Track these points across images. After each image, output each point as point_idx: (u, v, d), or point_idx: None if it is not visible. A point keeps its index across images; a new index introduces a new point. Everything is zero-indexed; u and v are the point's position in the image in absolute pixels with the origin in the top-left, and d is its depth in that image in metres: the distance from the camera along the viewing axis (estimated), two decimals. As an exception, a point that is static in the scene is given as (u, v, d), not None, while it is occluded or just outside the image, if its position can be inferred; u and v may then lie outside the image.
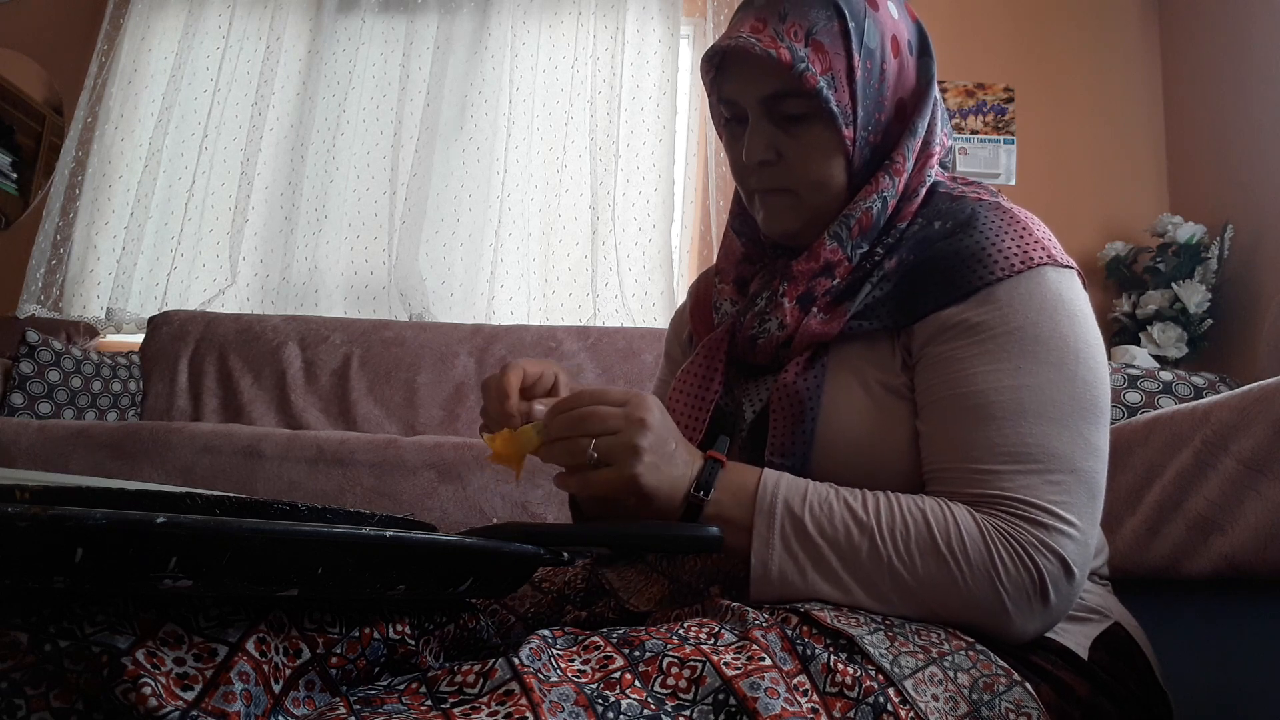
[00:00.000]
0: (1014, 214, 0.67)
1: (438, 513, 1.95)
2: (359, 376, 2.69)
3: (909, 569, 0.57)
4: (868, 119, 0.69)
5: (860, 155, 0.69)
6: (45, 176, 3.29)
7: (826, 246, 0.69)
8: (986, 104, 2.98)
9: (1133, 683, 0.61)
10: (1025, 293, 0.62)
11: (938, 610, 0.57)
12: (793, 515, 0.59)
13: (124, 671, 0.38)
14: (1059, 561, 0.56)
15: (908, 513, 0.58)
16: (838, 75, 0.67)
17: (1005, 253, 0.63)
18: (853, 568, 0.57)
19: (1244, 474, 0.85)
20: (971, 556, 0.56)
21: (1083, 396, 0.60)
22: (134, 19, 3.29)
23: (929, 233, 0.67)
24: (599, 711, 0.43)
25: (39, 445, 2.08)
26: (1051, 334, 0.61)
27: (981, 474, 0.59)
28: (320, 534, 0.40)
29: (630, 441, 0.57)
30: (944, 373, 0.63)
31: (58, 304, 3.07)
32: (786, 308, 0.69)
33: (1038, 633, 0.58)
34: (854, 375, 0.66)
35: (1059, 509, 0.57)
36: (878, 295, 0.67)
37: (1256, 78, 2.48)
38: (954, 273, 0.64)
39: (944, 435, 0.62)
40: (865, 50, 0.68)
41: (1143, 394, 1.99)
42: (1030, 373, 0.60)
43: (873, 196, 0.69)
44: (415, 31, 3.20)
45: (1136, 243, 2.71)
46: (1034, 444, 0.59)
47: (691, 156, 3.12)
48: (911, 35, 0.72)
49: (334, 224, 3.09)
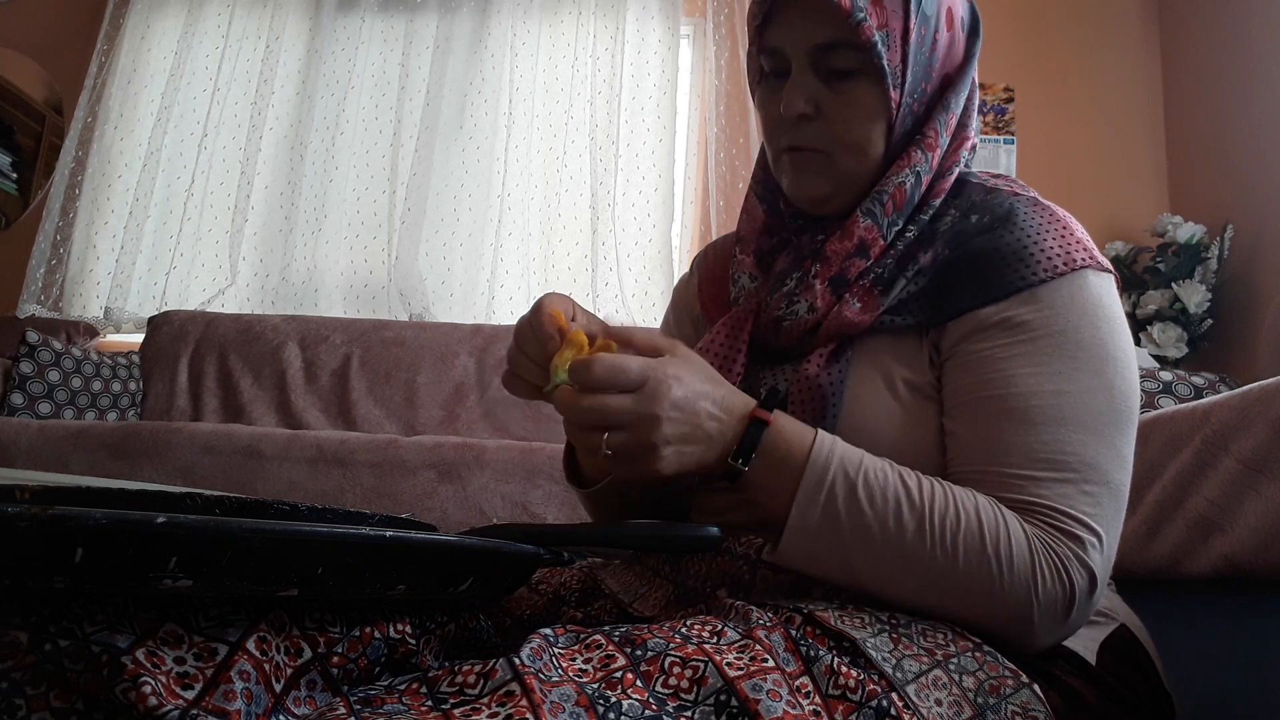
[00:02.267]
0: (1054, 211, 0.65)
1: (438, 513, 1.95)
2: (359, 376, 2.69)
3: (949, 561, 0.55)
4: (915, 85, 0.66)
5: (902, 123, 0.67)
6: (45, 176, 3.29)
7: (860, 224, 0.66)
8: (986, 104, 2.98)
9: (1139, 686, 0.61)
10: (1068, 296, 0.61)
11: (961, 608, 0.56)
12: (846, 478, 0.56)
13: (124, 671, 0.38)
14: (1088, 577, 0.55)
15: (961, 506, 0.56)
16: (893, 33, 0.64)
17: (1048, 253, 0.62)
18: (893, 546, 0.55)
19: (1244, 474, 0.85)
20: (1016, 564, 0.54)
21: (1119, 407, 0.59)
22: (134, 19, 3.29)
23: (965, 226, 0.65)
24: (600, 712, 0.43)
25: (39, 445, 2.08)
26: (1093, 340, 0.60)
27: (1018, 479, 0.57)
28: (320, 534, 0.40)
29: (644, 439, 0.54)
30: (980, 372, 0.61)
31: (58, 304, 3.07)
32: (818, 290, 0.66)
33: (1051, 644, 0.57)
34: (879, 371, 0.64)
35: (1092, 521, 0.56)
36: (912, 290, 0.65)
37: (1256, 78, 2.48)
38: (994, 270, 0.62)
39: (978, 436, 0.60)
40: (922, 15, 0.65)
41: (1143, 394, 1.99)
42: (1070, 379, 0.59)
43: (905, 171, 0.66)
44: (415, 31, 3.20)
45: (1136, 243, 2.71)
46: (1072, 453, 0.57)
47: (691, 156, 3.12)
48: (965, 13, 0.70)
49: (334, 224, 3.09)
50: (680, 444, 0.55)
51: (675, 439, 0.55)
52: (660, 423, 0.54)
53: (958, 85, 0.69)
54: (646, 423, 0.54)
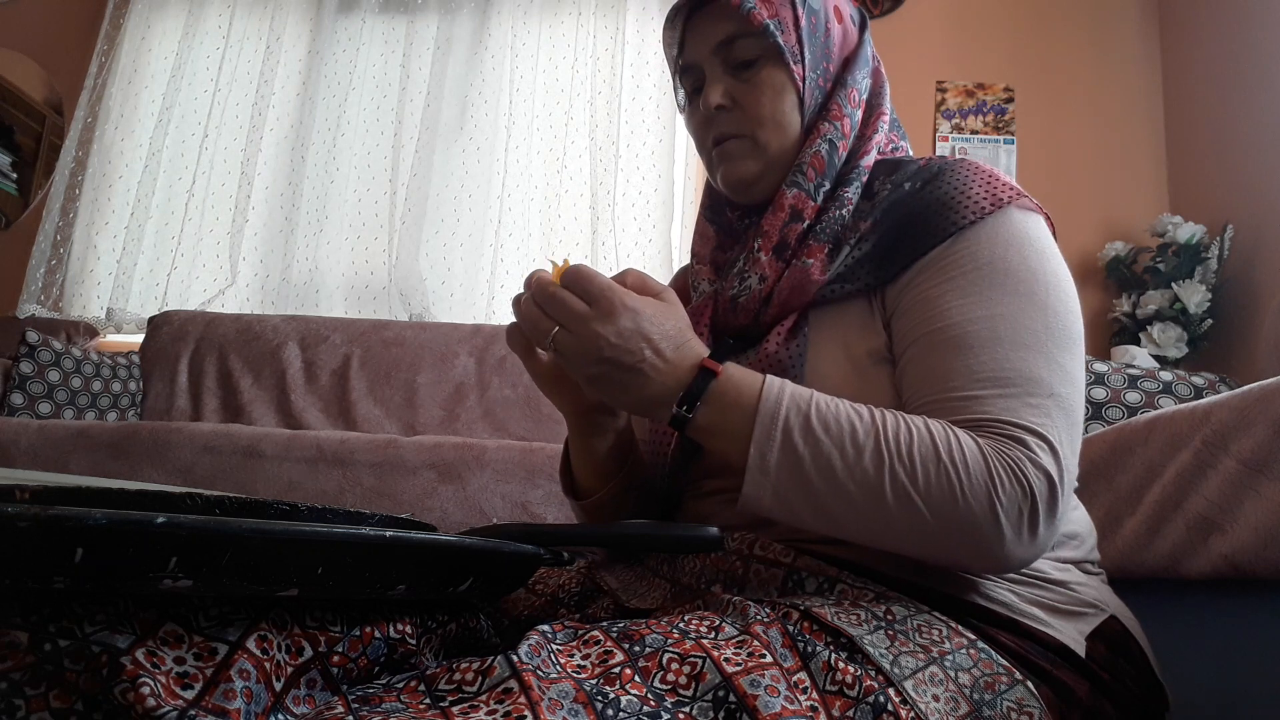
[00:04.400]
0: (980, 165, 0.69)
1: (438, 513, 1.95)
2: (359, 376, 2.69)
3: (910, 476, 0.55)
4: (815, 63, 0.73)
5: (811, 97, 0.73)
6: (45, 176, 3.29)
7: (788, 195, 0.71)
8: (986, 104, 2.98)
9: (1130, 678, 0.61)
10: (993, 231, 0.64)
11: (933, 529, 0.55)
12: (800, 410, 0.58)
13: (123, 671, 0.38)
14: (1047, 481, 0.55)
15: (911, 424, 0.57)
16: (784, 20, 0.72)
17: (974, 197, 0.65)
18: (855, 471, 0.56)
19: (1244, 474, 0.85)
20: (971, 468, 0.55)
21: (1055, 325, 0.61)
22: (134, 19, 3.29)
23: (899, 194, 0.69)
24: (598, 709, 0.43)
25: (39, 445, 2.08)
26: (1020, 265, 0.63)
27: (964, 400, 0.59)
28: (320, 534, 0.40)
29: (584, 348, 0.58)
30: (918, 314, 0.64)
31: (58, 304, 3.07)
32: (763, 260, 0.70)
33: (1023, 563, 0.57)
34: (836, 342, 0.67)
35: (1040, 429, 0.57)
36: (857, 256, 0.68)
37: (1256, 78, 2.48)
38: (926, 223, 0.65)
39: (923, 369, 0.62)
40: (809, 8, 0.73)
41: (1143, 394, 1.99)
42: (1002, 302, 0.61)
43: (818, 141, 0.72)
44: (415, 32, 3.20)
45: (1136, 243, 2.70)
46: (1011, 369, 0.59)
47: (691, 156, 3.12)
48: (852, 10, 0.79)
49: (334, 224, 3.09)
50: (610, 369, 0.58)
51: (612, 361, 0.58)
52: (599, 340, 0.57)
53: (855, 64, 0.76)
54: (590, 335, 0.58)
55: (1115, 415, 1.97)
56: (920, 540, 0.56)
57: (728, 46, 0.72)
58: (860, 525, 0.57)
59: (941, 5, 3.05)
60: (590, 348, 0.58)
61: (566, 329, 0.58)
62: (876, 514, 0.56)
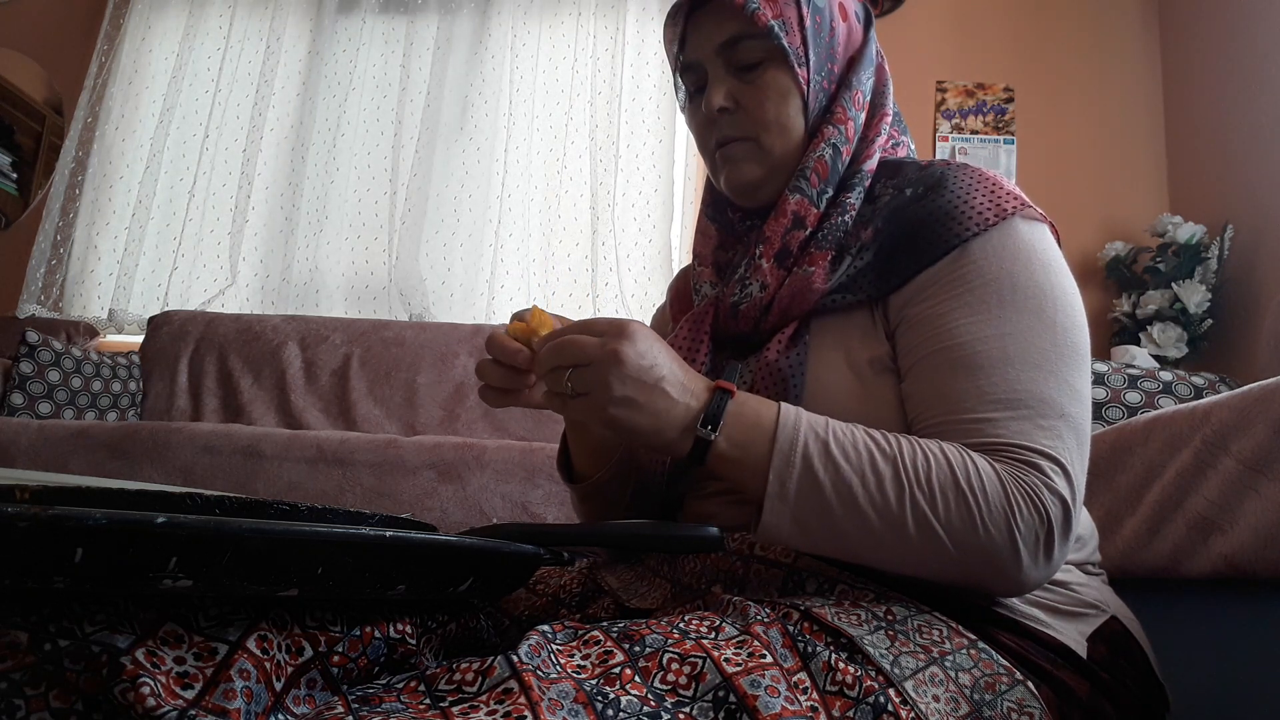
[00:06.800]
0: (983, 172, 0.68)
1: (438, 513, 1.95)
2: (359, 376, 2.69)
3: (930, 504, 0.54)
4: (820, 64, 0.72)
5: (815, 100, 0.72)
6: (45, 176, 3.29)
7: (790, 200, 0.70)
8: (986, 104, 2.98)
9: (1130, 678, 0.61)
10: (999, 244, 0.63)
11: (953, 556, 0.55)
12: (817, 438, 0.57)
13: (123, 671, 0.38)
14: (1061, 505, 0.55)
15: (928, 450, 0.57)
16: (789, 21, 0.70)
17: (977, 208, 0.64)
18: (876, 499, 0.55)
19: (1244, 474, 0.85)
20: (990, 496, 0.55)
21: (1063, 342, 0.61)
22: (134, 19, 3.29)
23: (900, 200, 0.68)
24: (598, 709, 0.43)
25: (39, 445, 2.08)
26: (1028, 281, 0.62)
27: (976, 422, 0.58)
28: (320, 534, 0.40)
29: (602, 376, 0.56)
30: (925, 330, 0.63)
31: (58, 304, 3.08)
32: (765, 268, 0.70)
33: (1038, 584, 0.57)
34: (838, 350, 0.66)
35: (1053, 452, 0.57)
36: (859, 265, 0.67)
37: (1256, 78, 2.48)
38: (929, 234, 0.64)
39: (931, 390, 0.61)
40: (814, 7, 0.72)
41: (1143, 394, 1.99)
42: (1011, 320, 0.61)
43: (822, 145, 0.71)
44: (415, 32, 3.21)
45: (1136, 243, 2.70)
46: (1023, 390, 0.58)
47: (691, 156, 3.11)
48: (857, 7, 0.77)
49: (334, 224, 3.09)
50: (634, 391, 0.56)
51: (631, 380, 0.56)
52: (621, 360, 0.55)
53: (860, 64, 0.75)
54: (608, 359, 0.55)
55: (1115, 415, 1.97)
56: (939, 566, 0.56)
57: (731, 48, 0.71)
58: (880, 553, 0.57)
59: (942, 5, 3.05)
60: (613, 373, 0.55)
61: (584, 363, 0.56)
62: (897, 542, 0.55)
